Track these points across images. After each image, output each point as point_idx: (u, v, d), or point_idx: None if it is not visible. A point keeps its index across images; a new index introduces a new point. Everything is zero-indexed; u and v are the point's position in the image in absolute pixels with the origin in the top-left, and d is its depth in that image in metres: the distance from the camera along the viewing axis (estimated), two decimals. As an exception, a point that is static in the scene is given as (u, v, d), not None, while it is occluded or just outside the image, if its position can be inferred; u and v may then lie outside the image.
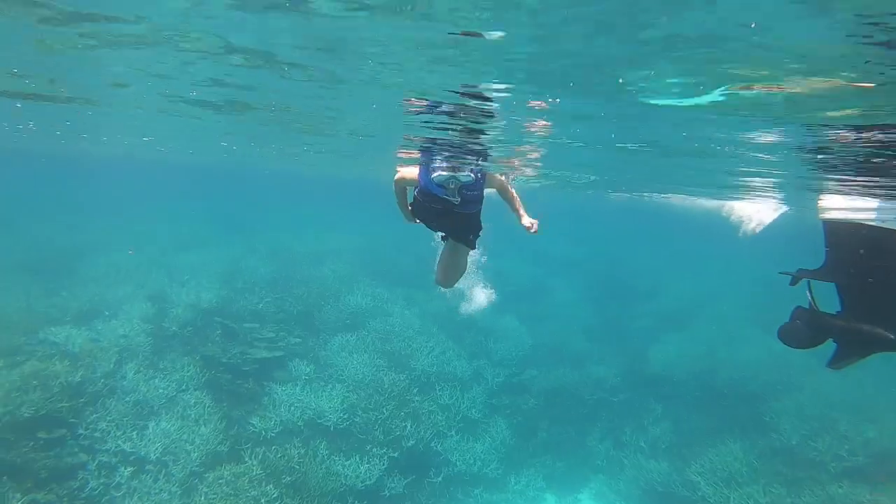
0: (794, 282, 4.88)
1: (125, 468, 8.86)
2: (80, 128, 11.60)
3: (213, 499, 8.67)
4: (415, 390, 12.04)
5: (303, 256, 17.10)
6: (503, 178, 5.79)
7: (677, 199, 17.22)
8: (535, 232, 5.46)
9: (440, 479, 11.06)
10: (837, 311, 4.84)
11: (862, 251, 4.66)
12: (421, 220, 5.80)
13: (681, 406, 13.39)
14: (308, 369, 11.72)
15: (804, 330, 4.87)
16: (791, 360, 14.54)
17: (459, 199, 5.16)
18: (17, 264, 14.56)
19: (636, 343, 16.19)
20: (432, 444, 11.29)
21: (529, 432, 12.99)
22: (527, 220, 5.49)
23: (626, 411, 13.86)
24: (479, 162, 8.14)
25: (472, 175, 5.15)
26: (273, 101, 6.79)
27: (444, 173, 5.08)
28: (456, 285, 6.42)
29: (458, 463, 11.36)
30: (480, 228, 5.76)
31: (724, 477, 10.73)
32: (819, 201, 9.15)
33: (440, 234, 5.94)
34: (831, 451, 11.17)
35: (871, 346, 4.54)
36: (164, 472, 8.93)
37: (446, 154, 7.79)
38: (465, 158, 7.89)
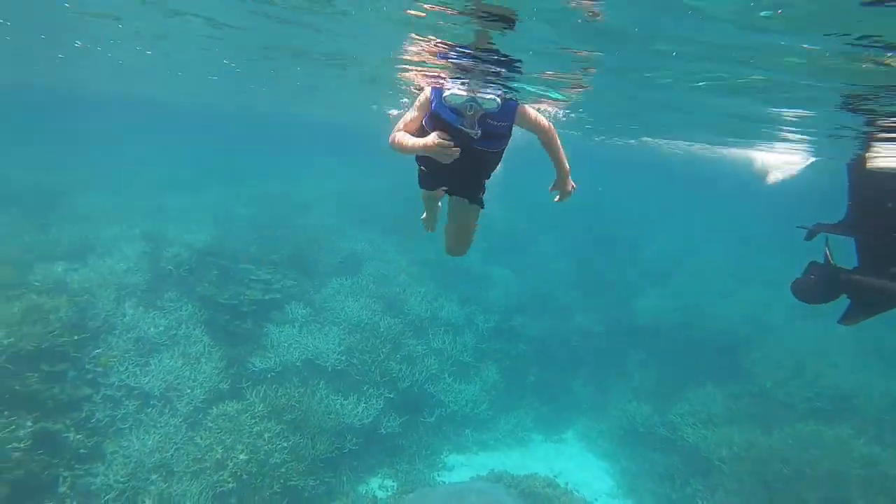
0: (810, 236, 4.88)
1: (130, 402, 9.03)
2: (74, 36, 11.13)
3: (218, 433, 8.92)
4: (409, 334, 12.32)
5: (293, 203, 16.99)
6: (543, 116, 4.25)
7: (695, 149, 17.03)
8: (565, 199, 4.36)
9: (433, 418, 11.51)
10: (854, 267, 4.80)
11: (891, 205, 4.52)
12: (425, 168, 4.38)
13: (662, 355, 13.97)
14: (304, 311, 11.86)
15: (818, 285, 4.83)
16: (768, 313, 15.30)
17: (479, 132, 3.87)
18: (4, 198, 14.21)
19: (621, 294, 16.69)
20: (426, 386, 11.68)
21: (518, 376, 13.49)
22: (570, 183, 4.27)
23: (610, 359, 14.45)
24: (508, 85, 6.69)
25: (498, 100, 3.80)
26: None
27: (461, 93, 3.80)
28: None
29: (450, 404, 11.81)
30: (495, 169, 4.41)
31: (703, 418, 11.39)
32: (868, 151, 8.39)
33: (441, 188, 4.61)
34: (800, 393, 11.99)
35: (886, 304, 4.48)
36: (168, 406, 9.12)
37: (463, 72, 6.36)
38: (487, 79, 6.50)
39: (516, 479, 9.80)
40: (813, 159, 13.06)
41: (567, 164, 4.25)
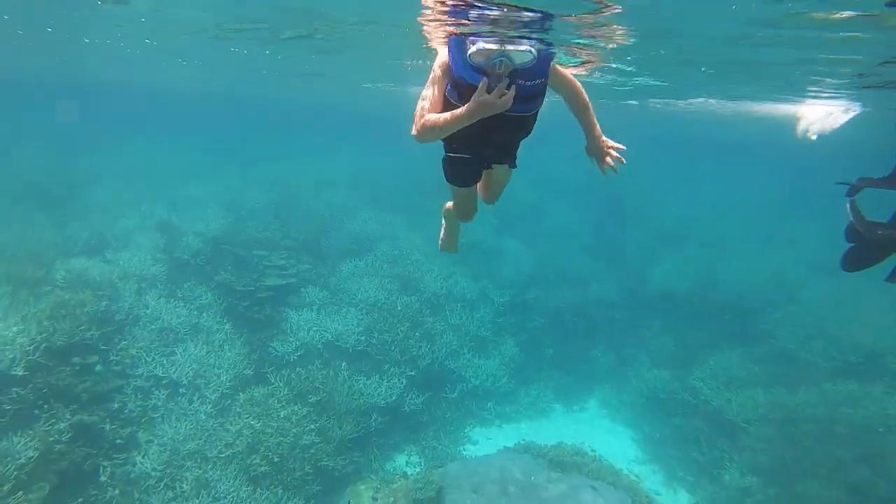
0: (853, 192, 4.65)
1: (160, 391, 9.17)
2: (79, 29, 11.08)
3: (247, 418, 9.08)
4: (426, 311, 12.37)
5: (303, 186, 16.96)
6: (571, 73, 3.86)
7: (718, 108, 16.50)
8: (612, 163, 3.65)
9: (455, 394, 11.62)
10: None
11: None
12: (459, 151, 3.87)
13: (680, 321, 13.93)
14: (321, 295, 11.93)
15: (863, 251, 4.58)
16: (788, 273, 15.14)
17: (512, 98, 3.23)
18: (20, 195, 14.33)
19: (636, 262, 16.59)
20: (446, 363, 11.77)
21: (536, 349, 13.55)
22: (608, 141, 3.67)
23: (627, 327, 14.45)
24: (539, 37, 5.91)
25: (533, 51, 3.21)
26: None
27: (490, 46, 3.19)
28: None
29: (471, 379, 11.91)
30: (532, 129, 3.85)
31: (725, 381, 11.38)
32: None
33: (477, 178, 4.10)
34: (825, 352, 11.82)
35: None
36: (197, 394, 9.27)
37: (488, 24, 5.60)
38: (516, 32, 5.79)
39: (543, 448, 9.92)
40: (856, 111, 12.33)
41: (597, 122, 3.73)
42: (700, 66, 9.19)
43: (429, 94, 3.49)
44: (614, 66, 9.67)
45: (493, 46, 3.18)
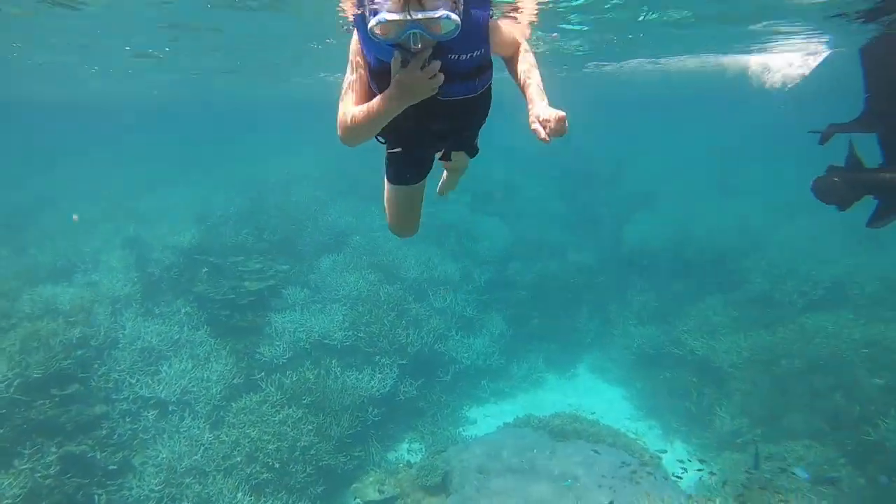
0: (824, 139, 4.59)
1: (148, 412, 8.98)
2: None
3: (242, 427, 8.96)
4: (410, 298, 12.32)
5: (272, 186, 16.60)
6: (518, 31, 3.27)
7: (671, 64, 16.46)
8: (555, 131, 2.61)
9: (449, 376, 11.65)
10: (879, 164, 4.47)
11: None
12: (397, 145, 3.16)
13: (659, 277, 14.19)
14: (303, 294, 11.78)
15: (840, 186, 4.50)
16: (751, 221, 15.57)
17: (440, 77, 2.56)
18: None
19: (610, 226, 16.79)
20: (436, 347, 11.77)
21: (523, 322, 13.66)
22: (550, 111, 2.60)
23: (609, 289, 14.65)
24: None
25: (453, 16, 2.37)
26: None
27: (393, 17, 2.37)
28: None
29: (462, 359, 11.95)
30: (488, 110, 3.16)
31: (708, 330, 11.71)
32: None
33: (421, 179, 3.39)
34: (797, 289, 12.35)
35: None
36: (188, 410, 9.10)
37: None
38: None
39: (543, 419, 10.04)
40: (822, 55, 12.22)
41: (542, 89, 2.89)
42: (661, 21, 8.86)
43: (349, 86, 2.83)
44: (561, 25, 8.91)
45: (397, 17, 2.36)
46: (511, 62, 3.03)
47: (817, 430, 9.38)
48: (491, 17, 2.81)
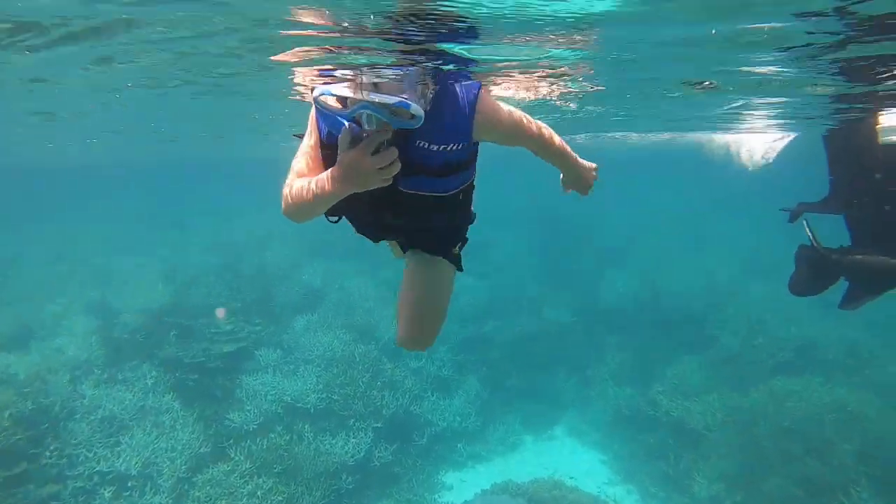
0: (793, 218, 4.67)
1: (105, 489, 8.46)
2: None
3: (208, 501, 8.50)
4: (385, 359, 12.13)
5: (244, 244, 16.46)
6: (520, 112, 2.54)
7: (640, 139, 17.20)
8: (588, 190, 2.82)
9: (424, 440, 11.35)
10: (847, 246, 4.49)
11: (879, 175, 4.11)
12: (351, 220, 2.76)
13: (634, 335, 14.31)
14: (275, 355, 11.51)
15: (812, 275, 4.48)
16: (721, 279, 16.02)
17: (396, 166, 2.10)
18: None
19: (585, 282, 17.01)
20: (412, 409, 11.52)
21: (499, 382, 13.51)
22: (586, 167, 2.73)
23: (585, 348, 14.68)
24: (442, 67, 3.83)
25: (412, 107, 1.97)
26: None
27: (343, 91, 2.09)
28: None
29: (438, 422, 11.69)
30: (470, 223, 2.87)
31: (683, 391, 11.73)
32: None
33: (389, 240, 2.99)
34: (766, 350, 12.62)
35: (889, 282, 4.11)
36: (150, 484, 8.62)
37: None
38: (405, 60, 3.64)
39: (521, 486, 9.80)
40: (791, 136, 12.79)
41: (572, 153, 2.71)
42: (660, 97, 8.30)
43: (302, 153, 2.42)
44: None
45: (348, 93, 2.02)
46: (536, 150, 2.64)
47: (793, 497, 9.36)
48: (478, 97, 2.30)
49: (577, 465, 11.77)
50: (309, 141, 2.43)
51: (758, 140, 13.71)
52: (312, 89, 2.22)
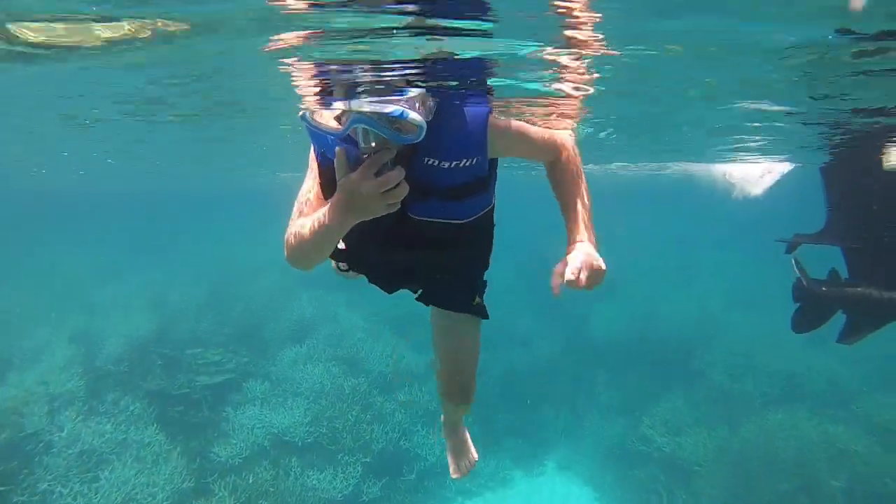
0: (790, 249, 4.68)
1: (82, 526, 8.13)
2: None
3: (189, 539, 8.20)
4: (375, 392, 11.97)
5: (233, 273, 16.29)
6: (551, 130, 2.32)
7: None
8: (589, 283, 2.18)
9: (413, 475, 11.11)
10: (845, 278, 4.42)
11: (876, 207, 4.05)
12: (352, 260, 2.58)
13: (625, 369, 14.30)
14: (263, 387, 11.28)
15: (810, 310, 4.39)
16: (709, 312, 16.13)
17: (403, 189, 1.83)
18: None
19: (574, 316, 17.03)
20: (401, 443, 11.32)
21: (489, 417, 13.33)
22: (588, 260, 2.19)
23: (576, 382, 14.61)
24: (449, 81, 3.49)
25: (415, 114, 1.76)
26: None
27: (340, 109, 2.01)
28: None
29: (428, 457, 11.46)
30: (488, 253, 2.63)
31: (673, 427, 11.68)
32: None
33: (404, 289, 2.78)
34: (755, 384, 12.65)
35: (887, 315, 4.03)
36: (129, 521, 8.30)
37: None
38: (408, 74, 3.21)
39: (512, 525, 9.58)
40: (788, 167, 12.80)
41: (588, 222, 2.22)
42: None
43: (306, 186, 2.21)
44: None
45: (339, 104, 2.00)
46: (549, 172, 2.31)
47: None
48: (489, 115, 2.05)
49: (568, 501, 11.57)
50: (308, 182, 2.18)
51: (751, 170, 13.91)
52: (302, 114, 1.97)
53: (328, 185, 2.04)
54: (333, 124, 1.93)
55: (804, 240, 4.74)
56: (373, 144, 1.78)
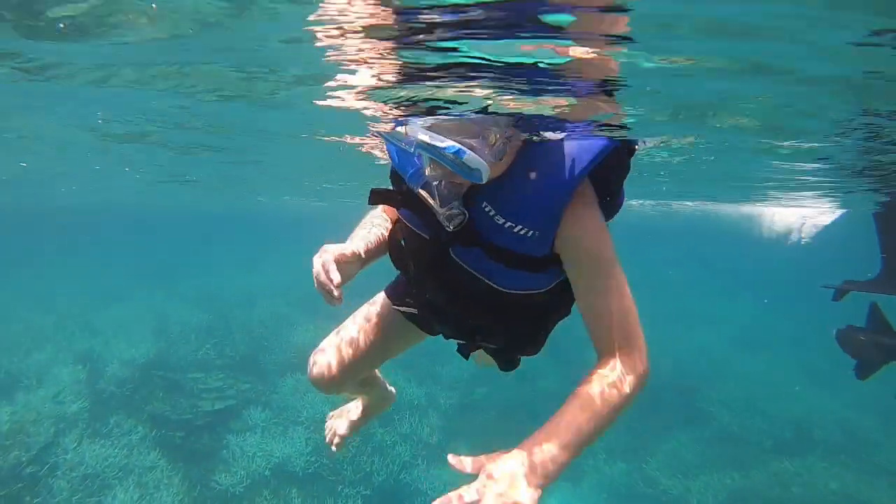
0: (839, 296, 4.42)
1: (81, 552, 8.00)
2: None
3: (187, 569, 8.06)
4: (375, 423, 11.86)
5: (235, 299, 16.32)
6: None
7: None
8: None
9: (414, 510, 10.97)
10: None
11: None
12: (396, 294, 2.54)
13: (630, 408, 14.20)
14: (264, 415, 11.20)
15: (867, 346, 4.15)
16: (713, 351, 16.18)
17: (452, 224, 1.75)
18: None
19: (574, 352, 17.01)
20: (401, 476, 11.18)
21: (489, 451, 13.20)
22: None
23: (576, 418, 14.49)
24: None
25: (473, 155, 1.55)
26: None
27: (417, 134, 1.58)
28: None
29: (428, 491, 11.28)
30: (534, 338, 2.37)
31: (681, 469, 11.56)
32: None
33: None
34: (764, 430, 12.57)
35: None
36: (128, 548, 8.17)
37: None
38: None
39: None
40: (837, 213, 12.32)
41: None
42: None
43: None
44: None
45: (399, 128, 1.86)
46: (596, 363, 1.91)
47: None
48: (583, 187, 1.75)
49: (569, 542, 11.38)
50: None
51: (800, 214, 13.51)
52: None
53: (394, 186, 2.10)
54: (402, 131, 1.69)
55: (855, 287, 4.50)
56: (433, 173, 1.66)
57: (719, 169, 6.83)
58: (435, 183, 1.69)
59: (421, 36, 2.06)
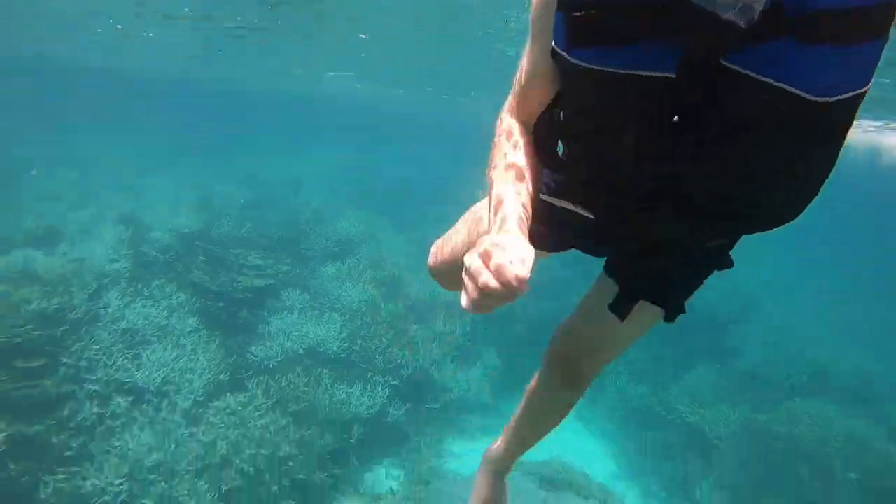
0: None
1: (121, 397, 8.36)
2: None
3: (221, 427, 8.40)
4: (412, 318, 12.02)
5: (281, 183, 16.21)
6: None
7: None
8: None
9: (438, 405, 11.25)
10: None
11: None
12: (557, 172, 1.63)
13: (654, 337, 14.06)
14: (302, 298, 11.34)
15: None
16: (748, 289, 15.75)
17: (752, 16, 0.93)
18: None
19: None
20: (430, 372, 11.40)
21: (517, 359, 13.31)
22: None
23: (605, 339, 14.48)
24: None
25: None
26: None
27: None
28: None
29: (454, 390, 11.57)
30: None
31: (698, 398, 11.63)
32: None
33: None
34: (784, 370, 12.57)
35: None
36: (166, 401, 8.52)
37: None
38: None
39: (532, 465, 9.65)
40: None
41: None
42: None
43: (523, 67, 1.56)
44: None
45: None
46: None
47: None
48: None
49: (584, 452, 11.64)
50: (528, 45, 1.43)
51: None
52: None
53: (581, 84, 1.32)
54: None
55: None
56: None
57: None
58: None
59: None
